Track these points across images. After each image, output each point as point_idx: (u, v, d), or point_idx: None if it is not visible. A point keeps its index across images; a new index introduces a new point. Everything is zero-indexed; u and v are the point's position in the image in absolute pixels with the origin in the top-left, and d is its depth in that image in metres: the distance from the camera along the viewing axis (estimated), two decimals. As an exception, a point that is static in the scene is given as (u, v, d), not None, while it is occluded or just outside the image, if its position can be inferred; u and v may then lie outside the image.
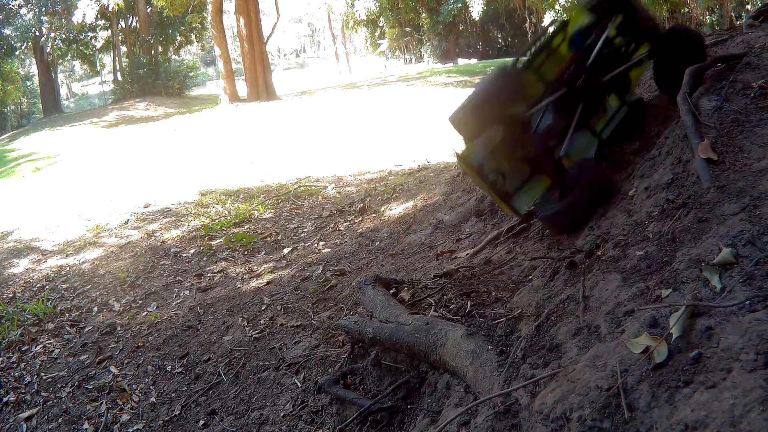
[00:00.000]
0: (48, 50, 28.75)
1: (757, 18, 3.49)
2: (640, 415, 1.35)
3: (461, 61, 31.10)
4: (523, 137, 2.47)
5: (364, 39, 41.88)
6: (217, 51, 22.48)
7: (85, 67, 39.13)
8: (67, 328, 4.45)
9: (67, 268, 5.73)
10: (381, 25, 38.29)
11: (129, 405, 3.37)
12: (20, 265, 6.04)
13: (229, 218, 6.47)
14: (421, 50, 37.26)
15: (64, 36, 28.38)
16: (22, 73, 34.16)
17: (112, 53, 32.21)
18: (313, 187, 7.53)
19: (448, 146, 8.82)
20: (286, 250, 5.33)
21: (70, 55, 32.35)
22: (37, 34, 27.34)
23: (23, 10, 27.71)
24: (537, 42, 2.53)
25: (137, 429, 3.16)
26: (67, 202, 8.55)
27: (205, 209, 7.08)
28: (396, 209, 5.73)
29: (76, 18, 25.28)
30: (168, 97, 26.54)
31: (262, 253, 5.42)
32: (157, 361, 3.79)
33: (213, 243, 5.78)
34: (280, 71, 50.78)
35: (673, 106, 2.67)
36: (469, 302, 2.57)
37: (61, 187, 10.10)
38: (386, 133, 11.20)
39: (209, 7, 21.52)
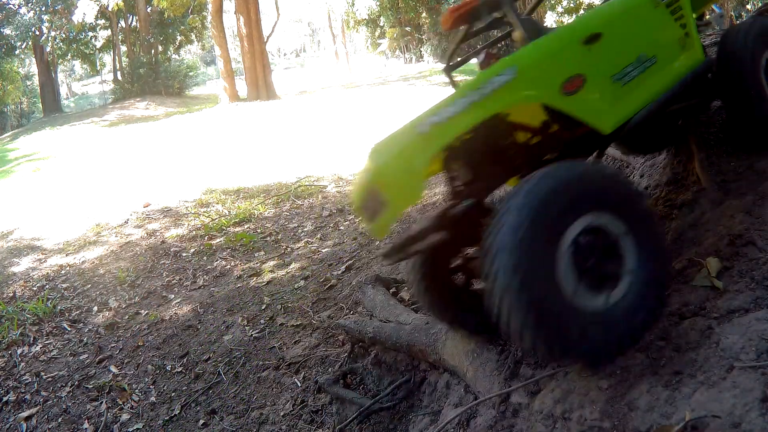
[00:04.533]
0: (48, 50, 28.73)
1: (758, 17, 3.49)
2: (640, 414, 1.35)
3: (461, 61, 31.08)
4: None
5: (364, 38, 41.85)
6: (217, 51, 22.44)
7: (85, 66, 39.13)
8: (67, 328, 4.44)
9: (68, 268, 5.73)
10: (381, 24, 38.26)
11: (129, 404, 3.37)
12: (20, 265, 6.04)
13: (229, 217, 6.46)
14: (421, 50, 37.22)
15: (64, 35, 28.35)
16: (22, 72, 34.11)
17: (112, 53, 32.17)
18: (313, 187, 7.52)
19: (448, 146, 8.83)
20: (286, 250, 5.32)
21: (70, 54, 32.31)
22: (37, 33, 27.30)
23: (23, 10, 27.68)
24: None
25: (137, 428, 3.16)
26: (67, 202, 8.55)
27: (206, 208, 7.07)
28: (396, 209, 5.72)
29: (76, 17, 25.21)
30: (168, 97, 26.50)
31: (262, 252, 5.42)
32: (157, 361, 3.79)
33: (213, 242, 5.78)
34: (280, 70, 50.69)
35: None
36: (469, 302, 2.57)
37: (61, 186, 10.09)
38: (386, 133, 11.20)
39: (209, 6, 21.51)
